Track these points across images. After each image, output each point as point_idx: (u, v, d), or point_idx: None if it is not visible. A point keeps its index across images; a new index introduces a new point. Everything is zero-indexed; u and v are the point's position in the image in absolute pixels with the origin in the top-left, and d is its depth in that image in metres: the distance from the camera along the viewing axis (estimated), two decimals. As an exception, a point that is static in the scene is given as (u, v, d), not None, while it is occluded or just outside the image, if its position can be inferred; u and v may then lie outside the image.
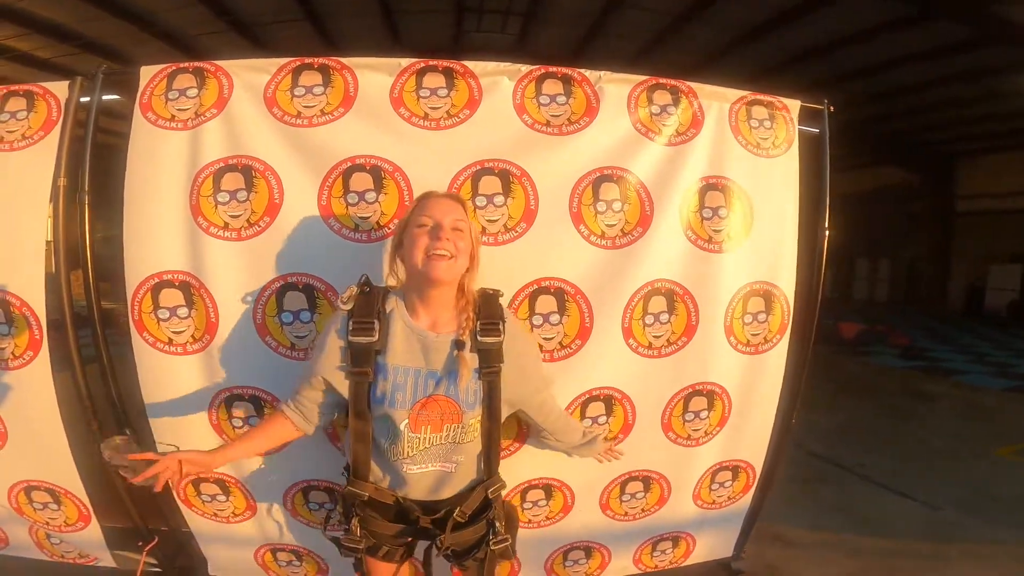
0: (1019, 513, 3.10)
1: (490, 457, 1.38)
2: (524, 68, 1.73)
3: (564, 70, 1.75)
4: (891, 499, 3.34)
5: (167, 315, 1.68)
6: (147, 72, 1.69)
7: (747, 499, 2.14)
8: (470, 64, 1.71)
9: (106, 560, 2.00)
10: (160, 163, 1.66)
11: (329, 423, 1.46)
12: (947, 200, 13.58)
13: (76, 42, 7.41)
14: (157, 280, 1.67)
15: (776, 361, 1.97)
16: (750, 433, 2.02)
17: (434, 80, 1.70)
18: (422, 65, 1.70)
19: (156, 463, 1.24)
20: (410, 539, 1.43)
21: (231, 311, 1.68)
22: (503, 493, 1.47)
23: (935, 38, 6.72)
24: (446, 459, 1.34)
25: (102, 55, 7.64)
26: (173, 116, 1.66)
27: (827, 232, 1.96)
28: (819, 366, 2.14)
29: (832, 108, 1.94)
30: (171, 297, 1.68)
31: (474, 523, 1.39)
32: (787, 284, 1.93)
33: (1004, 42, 6.59)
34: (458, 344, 1.29)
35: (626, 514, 2.00)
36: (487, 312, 1.33)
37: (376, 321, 1.29)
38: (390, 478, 1.36)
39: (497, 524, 1.41)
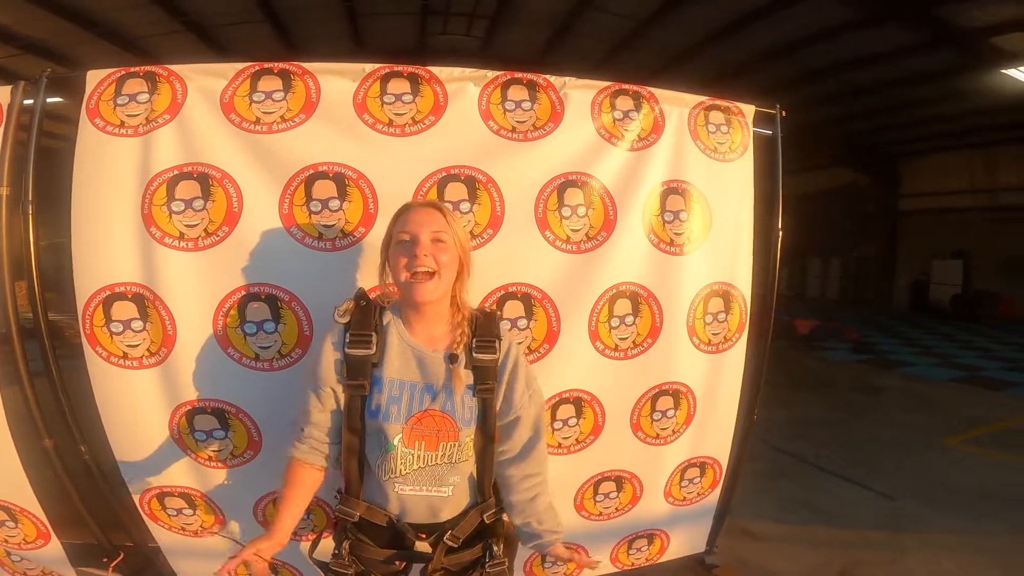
0: (970, 502, 3.27)
1: (483, 479, 1.34)
2: (490, 74, 1.74)
3: (529, 76, 1.77)
4: (849, 491, 3.47)
5: (120, 328, 1.62)
6: (94, 76, 1.62)
7: (716, 494, 2.19)
8: (435, 70, 1.71)
9: None
10: (109, 171, 1.59)
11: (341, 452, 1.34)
12: (892, 199, 14.27)
13: (19, 43, 7.05)
14: (109, 292, 1.60)
15: (736, 359, 2.03)
16: (715, 430, 2.08)
17: (399, 86, 1.69)
18: (387, 71, 1.69)
19: (235, 558, 1.21)
20: (403, 564, 1.38)
21: (189, 323, 1.62)
22: (502, 515, 1.42)
23: (885, 42, 7.06)
24: (441, 481, 1.29)
25: (48, 57, 7.32)
26: (122, 122, 1.60)
27: (780, 233, 2.03)
28: (776, 362, 2.21)
29: (784, 112, 2.02)
30: (124, 310, 1.61)
31: (470, 547, 1.36)
32: (744, 284, 1.99)
33: (952, 46, 6.97)
34: (451, 358, 1.28)
35: (600, 514, 2.02)
36: (484, 329, 1.31)
37: (373, 334, 1.27)
38: (381, 498, 1.31)
39: (495, 547, 1.37)
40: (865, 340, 9.25)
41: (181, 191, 1.60)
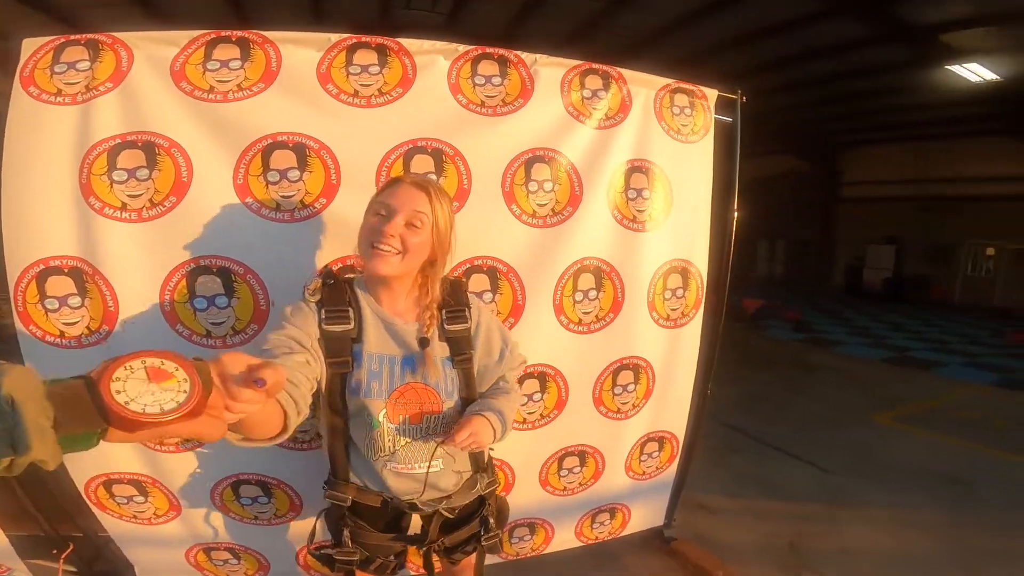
0: (897, 476, 3.48)
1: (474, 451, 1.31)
2: (461, 48, 1.70)
3: (501, 51, 1.74)
4: (791, 465, 3.65)
5: (56, 305, 1.51)
6: (30, 45, 1.50)
7: (673, 468, 2.27)
8: (405, 42, 1.66)
9: (21, 570, 1.84)
10: (43, 140, 1.48)
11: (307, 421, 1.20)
12: (834, 187, 15.04)
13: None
14: (43, 267, 1.49)
15: (692, 335, 2.10)
16: (672, 404, 2.15)
17: (366, 57, 1.63)
18: (353, 41, 1.63)
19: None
20: (401, 547, 1.34)
21: (133, 299, 1.53)
22: (496, 487, 1.42)
23: (837, 35, 7.27)
24: (430, 455, 1.24)
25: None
26: (59, 90, 1.48)
27: (735, 214, 2.10)
28: (726, 340, 2.28)
29: (745, 98, 2.07)
30: (60, 285, 1.51)
31: (467, 523, 1.35)
32: (701, 262, 2.05)
33: (898, 40, 7.24)
34: (422, 342, 1.23)
35: (565, 488, 2.06)
36: (453, 300, 1.28)
37: (350, 309, 1.21)
38: (372, 479, 1.25)
39: (490, 520, 1.37)
40: (804, 320, 9.71)
41: (124, 160, 1.50)
